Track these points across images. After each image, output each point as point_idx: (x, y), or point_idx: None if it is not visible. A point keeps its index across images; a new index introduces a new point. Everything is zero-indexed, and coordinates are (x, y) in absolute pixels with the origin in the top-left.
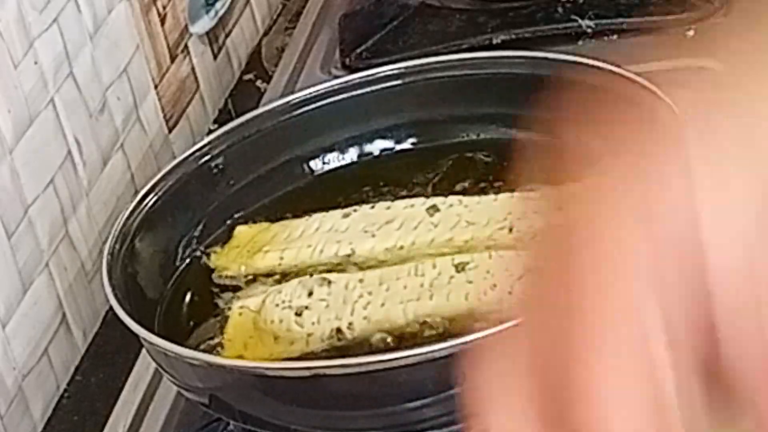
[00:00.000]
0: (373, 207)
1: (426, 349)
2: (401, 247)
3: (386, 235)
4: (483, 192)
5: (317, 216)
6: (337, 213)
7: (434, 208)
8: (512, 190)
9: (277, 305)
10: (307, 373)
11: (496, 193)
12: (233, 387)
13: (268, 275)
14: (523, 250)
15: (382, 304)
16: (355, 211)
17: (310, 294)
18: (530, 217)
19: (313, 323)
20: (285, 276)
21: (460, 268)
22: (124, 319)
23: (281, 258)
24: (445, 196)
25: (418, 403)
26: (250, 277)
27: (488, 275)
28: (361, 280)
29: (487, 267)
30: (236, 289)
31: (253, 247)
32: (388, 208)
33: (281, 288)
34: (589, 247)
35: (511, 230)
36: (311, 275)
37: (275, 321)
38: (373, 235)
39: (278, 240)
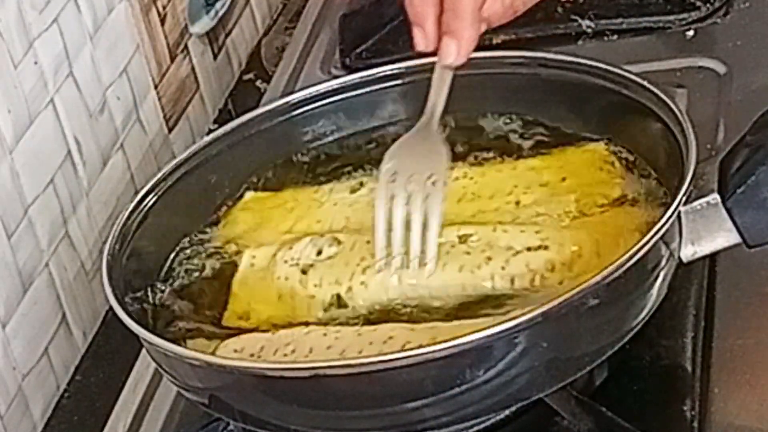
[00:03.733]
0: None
1: (426, 350)
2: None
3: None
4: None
5: (325, 188)
6: (345, 186)
7: None
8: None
9: (286, 261)
10: (307, 373)
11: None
12: (233, 387)
13: None
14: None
15: (379, 270)
16: (361, 185)
17: (319, 253)
18: (536, 190)
19: (315, 285)
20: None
21: (463, 239)
22: (124, 319)
23: (288, 232)
24: (451, 168)
25: (418, 403)
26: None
27: (487, 248)
28: (368, 242)
29: (488, 240)
30: None
31: (261, 221)
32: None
33: (293, 245)
34: None
35: (518, 204)
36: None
37: (281, 277)
38: None
39: (285, 212)
